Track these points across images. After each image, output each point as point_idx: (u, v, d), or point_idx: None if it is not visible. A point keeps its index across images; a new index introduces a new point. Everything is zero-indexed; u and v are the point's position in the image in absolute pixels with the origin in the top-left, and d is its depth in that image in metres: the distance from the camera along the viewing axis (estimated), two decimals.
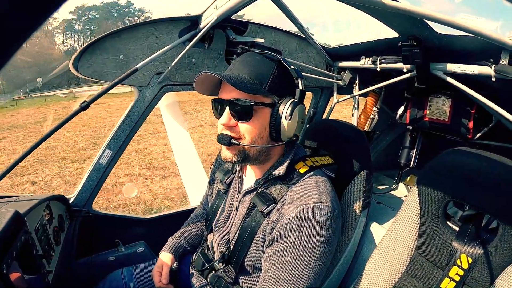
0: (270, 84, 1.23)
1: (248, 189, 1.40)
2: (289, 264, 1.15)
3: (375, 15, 1.54)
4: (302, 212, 1.17)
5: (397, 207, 1.47)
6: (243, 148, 1.27)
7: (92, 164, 1.96)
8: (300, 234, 1.16)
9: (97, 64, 1.71)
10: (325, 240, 1.17)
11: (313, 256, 1.16)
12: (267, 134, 1.28)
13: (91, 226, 2.00)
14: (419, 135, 2.23)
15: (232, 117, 1.25)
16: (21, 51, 0.29)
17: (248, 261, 1.33)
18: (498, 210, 1.10)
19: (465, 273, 1.12)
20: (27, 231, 1.18)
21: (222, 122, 1.26)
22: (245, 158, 1.29)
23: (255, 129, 1.25)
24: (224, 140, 1.26)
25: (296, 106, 1.24)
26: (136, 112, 1.92)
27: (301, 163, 1.36)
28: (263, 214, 1.28)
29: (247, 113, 1.23)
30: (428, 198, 1.29)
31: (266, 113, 1.25)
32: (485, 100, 1.50)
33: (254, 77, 1.22)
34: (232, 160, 1.30)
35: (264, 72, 1.24)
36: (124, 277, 1.68)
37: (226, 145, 1.27)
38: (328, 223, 1.19)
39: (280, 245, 1.18)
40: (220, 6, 1.56)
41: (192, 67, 1.97)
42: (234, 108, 1.23)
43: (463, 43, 1.47)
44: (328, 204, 1.21)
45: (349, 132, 1.66)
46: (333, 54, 2.29)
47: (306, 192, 1.24)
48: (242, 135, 1.26)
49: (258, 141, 1.27)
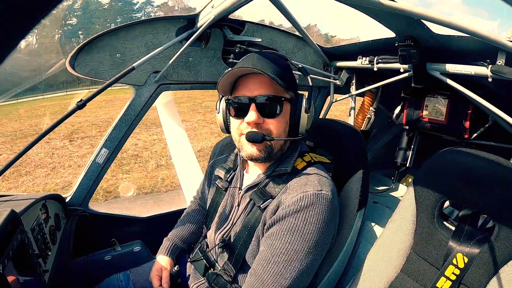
0: (288, 80, 1.26)
1: (250, 184, 1.40)
2: (282, 247, 1.16)
3: (372, 15, 1.54)
4: (301, 199, 1.18)
5: (394, 206, 1.47)
6: (270, 145, 1.28)
7: (89, 163, 1.95)
8: (297, 218, 1.17)
9: (94, 62, 1.71)
10: (321, 228, 1.17)
11: (308, 242, 1.16)
12: (288, 128, 1.32)
13: (88, 225, 1.99)
14: (416, 135, 2.23)
15: (261, 114, 1.25)
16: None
17: (248, 259, 1.32)
18: (494, 210, 1.11)
19: (461, 272, 1.12)
20: (23, 230, 1.18)
21: (251, 120, 1.23)
22: (269, 154, 1.30)
23: (281, 124, 1.28)
24: (257, 137, 1.23)
25: (311, 100, 1.31)
26: (133, 111, 1.92)
27: (299, 160, 1.37)
28: (259, 208, 1.29)
29: (276, 109, 1.26)
30: (424, 197, 1.30)
31: (288, 108, 1.30)
32: (481, 100, 1.50)
33: (277, 74, 1.21)
34: (259, 156, 1.28)
35: (282, 69, 1.26)
36: (121, 282, 1.66)
37: (259, 142, 1.24)
38: (326, 212, 1.19)
39: (276, 228, 1.19)
40: (217, 5, 1.56)
41: (189, 66, 1.96)
42: (263, 104, 1.24)
43: (460, 44, 1.47)
44: (328, 194, 1.21)
45: (346, 131, 1.66)
46: (330, 53, 2.30)
47: (307, 181, 1.25)
48: (269, 131, 1.27)
49: (283, 135, 1.30)
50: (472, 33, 1.01)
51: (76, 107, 1.54)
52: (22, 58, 5.82)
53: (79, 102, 1.54)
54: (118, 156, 2.19)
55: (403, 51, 1.63)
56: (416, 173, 1.38)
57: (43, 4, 0.28)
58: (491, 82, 1.39)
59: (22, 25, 0.27)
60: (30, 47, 32.46)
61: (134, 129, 1.99)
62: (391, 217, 1.42)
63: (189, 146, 2.94)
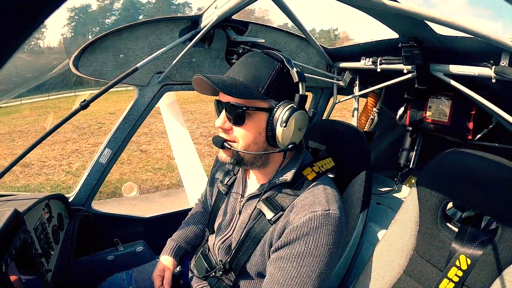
0: (268, 87, 1.18)
1: (252, 194, 1.38)
2: (295, 271, 1.14)
3: (375, 15, 1.54)
4: (310, 220, 1.16)
5: (397, 208, 1.47)
6: (236, 152, 1.25)
7: (92, 163, 1.96)
8: (307, 241, 1.14)
9: (97, 63, 1.71)
10: (331, 248, 1.16)
11: (319, 263, 1.14)
12: (263, 139, 1.23)
13: (90, 225, 2.00)
14: (419, 136, 2.22)
15: (228, 120, 1.23)
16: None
17: (250, 267, 1.31)
18: (497, 211, 1.10)
19: (464, 274, 1.12)
20: (26, 230, 1.18)
21: (217, 125, 1.25)
22: (240, 161, 1.27)
23: (249, 134, 1.22)
24: (217, 142, 1.26)
25: (293, 112, 1.17)
26: (136, 111, 1.93)
27: (308, 169, 1.33)
28: (269, 222, 1.26)
29: (240, 117, 1.19)
30: (428, 199, 1.29)
31: (262, 118, 1.20)
32: (485, 101, 1.50)
33: (250, 80, 1.18)
34: (227, 161, 1.28)
35: (262, 74, 1.18)
36: (123, 280, 1.67)
37: (219, 147, 1.26)
38: (335, 231, 1.17)
39: (286, 251, 1.17)
40: (221, 6, 1.56)
41: (192, 66, 1.97)
42: (229, 111, 1.20)
43: (463, 44, 1.47)
44: (336, 212, 1.19)
45: (349, 132, 1.65)
46: (334, 54, 2.29)
47: (314, 199, 1.21)
48: (236, 139, 1.24)
49: (252, 146, 1.23)
50: (475, 34, 1.01)
51: (80, 107, 1.55)
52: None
53: (83, 102, 1.55)
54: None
55: (407, 52, 1.63)
56: (419, 174, 1.37)
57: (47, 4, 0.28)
58: (495, 83, 1.38)
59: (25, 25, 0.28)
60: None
61: (137, 129, 1.99)
62: (394, 218, 1.42)
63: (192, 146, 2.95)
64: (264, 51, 1.29)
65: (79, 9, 72.72)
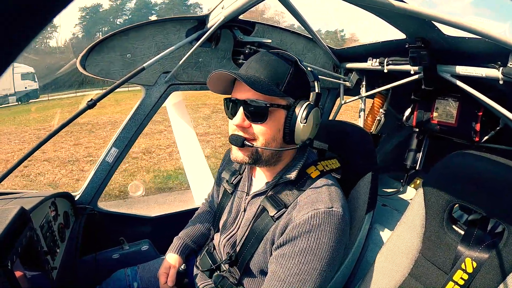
0: (286, 85, 1.20)
1: (258, 191, 1.38)
2: (296, 268, 1.14)
3: (382, 16, 1.53)
4: (312, 217, 1.15)
5: (403, 209, 1.46)
6: (255, 150, 1.24)
7: (98, 162, 1.97)
8: (309, 238, 1.14)
9: (105, 62, 1.72)
10: (334, 246, 1.16)
11: (321, 261, 1.14)
12: (281, 136, 1.25)
13: (96, 223, 2.01)
14: (426, 138, 2.21)
15: (246, 118, 1.22)
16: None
17: (253, 264, 1.31)
18: (504, 214, 1.09)
19: (469, 277, 1.11)
20: (32, 227, 1.19)
21: (236, 123, 1.23)
22: (257, 160, 1.27)
23: (269, 131, 1.22)
24: (237, 141, 1.23)
25: (312, 109, 1.21)
26: (143, 111, 1.94)
27: (312, 168, 1.34)
28: (272, 218, 1.26)
29: (262, 115, 1.20)
30: (434, 201, 1.28)
31: (281, 115, 1.23)
32: (492, 103, 1.48)
33: (271, 78, 1.19)
34: (244, 161, 1.27)
35: (281, 72, 1.21)
36: (128, 276, 1.68)
37: (239, 146, 1.24)
38: (338, 229, 1.17)
39: (288, 248, 1.17)
40: (228, 6, 1.56)
41: (199, 66, 1.97)
42: (248, 109, 1.20)
43: (470, 45, 1.46)
44: (339, 210, 1.19)
45: (355, 133, 1.65)
46: (340, 55, 2.29)
47: (317, 197, 1.22)
48: (256, 136, 1.23)
49: (271, 143, 1.24)
50: (483, 34, 1.00)
51: (87, 106, 1.55)
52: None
53: (90, 101, 1.55)
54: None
55: (414, 53, 1.62)
56: (425, 176, 1.37)
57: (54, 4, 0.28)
58: (502, 85, 1.37)
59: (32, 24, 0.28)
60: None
61: (143, 129, 2.00)
62: (400, 220, 1.41)
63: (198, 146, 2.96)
64: (275, 51, 1.30)
65: (91, 9, 73.26)
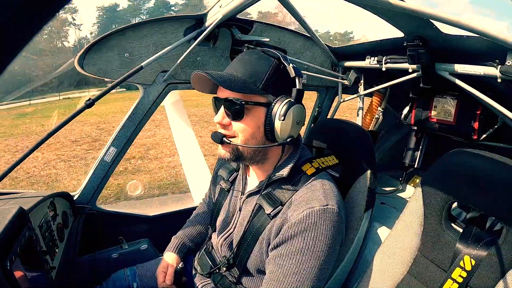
0: (266, 82, 1.20)
1: (252, 190, 1.39)
2: (294, 267, 1.14)
3: (381, 14, 1.53)
4: (308, 216, 1.15)
5: (401, 207, 1.46)
6: (236, 147, 1.26)
7: (97, 161, 1.97)
8: (305, 237, 1.14)
9: (102, 62, 1.72)
10: (330, 244, 1.16)
11: (318, 259, 1.14)
12: (262, 134, 1.25)
13: (95, 223, 2.01)
14: (424, 136, 2.22)
15: (227, 115, 1.24)
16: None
17: (251, 264, 1.31)
18: (502, 212, 1.09)
19: (468, 275, 1.11)
20: (31, 227, 1.19)
21: (217, 121, 1.26)
22: (239, 157, 1.28)
23: (248, 128, 1.23)
24: (216, 138, 1.26)
25: (291, 106, 1.19)
26: (141, 110, 1.93)
27: (307, 165, 1.33)
28: (269, 216, 1.26)
29: (239, 112, 1.21)
30: (432, 199, 1.28)
31: (261, 112, 1.22)
32: (490, 101, 1.49)
33: (249, 76, 1.20)
34: (226, 157, 1.29)
35: (260, 70, 1.21)
36: (128, 276, 1.68)
37: (218, 143, 1.27)
38: (334, 227, 1.17)
39: (285, 248, 1.17)
40: (226, 5, 1.56)
41: (197, 65, 1.97)
42: (227, 107, 1.22)
43: (469, 44, 1.46)
44: (334, 207, 1.19)
45: (354, 131, 1.65)
46: (339, 53, 2.29)
47: (312, 195, 1.21)
48: (236, 133, 1.25)
49: (251, 140, 1.25)
50: (481, 33, 1.00)
51: (85, 106, 1.55)
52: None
53: (88, 101, 1.55)
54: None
55: (412, 51, 1.62)
56: (424, 174, 1.37)
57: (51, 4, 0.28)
58: (500, 83, 1.38)
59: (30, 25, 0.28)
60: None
61: (142, 128, 2.00)
62: (399, 218, 1.41)
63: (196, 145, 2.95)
64: (260, 49, 1.31)
65: (107, 9, 73.23)
